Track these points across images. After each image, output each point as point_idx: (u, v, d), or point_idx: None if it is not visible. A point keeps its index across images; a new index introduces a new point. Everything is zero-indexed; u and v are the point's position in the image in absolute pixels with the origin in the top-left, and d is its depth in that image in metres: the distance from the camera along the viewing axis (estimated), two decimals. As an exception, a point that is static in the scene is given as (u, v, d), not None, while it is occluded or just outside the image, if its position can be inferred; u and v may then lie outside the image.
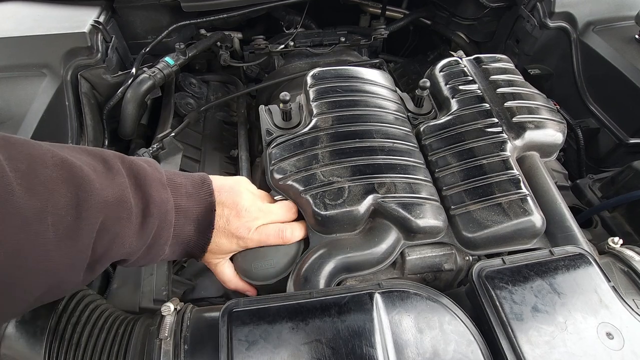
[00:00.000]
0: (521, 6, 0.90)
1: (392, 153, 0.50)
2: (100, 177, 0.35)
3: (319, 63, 0.96)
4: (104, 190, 0.34)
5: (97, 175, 0.34)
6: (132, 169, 0.39)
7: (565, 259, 0.41)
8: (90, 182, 0.33)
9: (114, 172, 0.36)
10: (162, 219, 0.39)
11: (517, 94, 0.59)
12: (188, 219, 0.43)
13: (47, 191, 0.30)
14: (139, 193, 0.38)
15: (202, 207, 0.44)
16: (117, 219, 0.35)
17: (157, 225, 0.39)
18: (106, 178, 0.35)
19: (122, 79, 0.75)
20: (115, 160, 0.38)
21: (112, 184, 0.35)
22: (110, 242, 0.35)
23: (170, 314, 0.39)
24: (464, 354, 0.35)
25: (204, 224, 0.44)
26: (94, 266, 0.35)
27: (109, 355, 0.38)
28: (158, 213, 0.39)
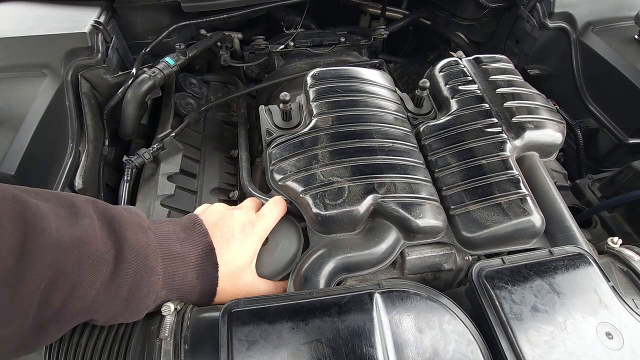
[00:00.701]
0: (521, 6, 0.90)
1: (392, 153, 0.50)
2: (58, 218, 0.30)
3: (319, 63, 0.96)
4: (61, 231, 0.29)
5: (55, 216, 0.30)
6: (105, 212, 0.34)
7: (565, 258, 0.41)
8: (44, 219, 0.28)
9: (79, 215, 0.32)
10: (141, 266, 0.34)
11: (516, 94, 0.59)
12: (188, 266, 0.38)
13: None
14: (112, 238, 0.33)
15: (200, 250, 0.40)
16: (78, 264, 0.30)
17: (132, 273, 0.33)
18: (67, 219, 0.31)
19: (123, 79, 0.75)
20: (84, 204, 0.33)
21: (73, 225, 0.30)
22: (69, 293, 0.29)
23: (170, 314, 0.39)
24: (464, 354, 0.35)
25: (206, 268, 0.39)
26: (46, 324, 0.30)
27: (109, 355, 0.38)
28: (135, 259, 0.34)
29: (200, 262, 0.39)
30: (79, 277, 0.30)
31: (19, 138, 0.55)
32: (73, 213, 0.32)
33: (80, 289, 0.30)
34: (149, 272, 0.35)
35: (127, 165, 0.69)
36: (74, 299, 0.30)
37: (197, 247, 0.40)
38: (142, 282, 0.35)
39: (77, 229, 0.31)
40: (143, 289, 0.35)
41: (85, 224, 0.32)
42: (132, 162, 0.69)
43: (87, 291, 0.31)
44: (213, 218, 0.43)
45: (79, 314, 0.32)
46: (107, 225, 0.34)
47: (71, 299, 0.30)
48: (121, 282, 0.33)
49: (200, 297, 0.40)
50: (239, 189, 0.75)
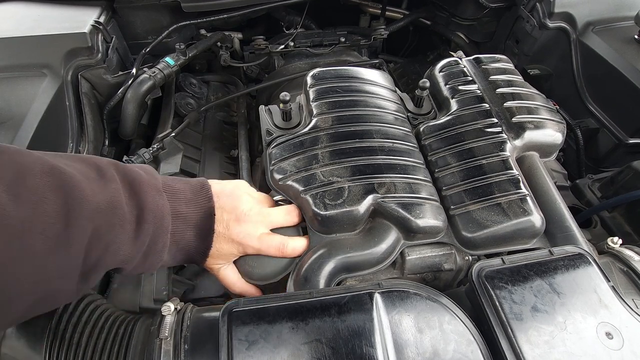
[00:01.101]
0: (521, 6, 0.90)
1: (391, 153, 0.50)
2: (91, 184, 0.34)
3: (319, 63, 0.96)
4: (95, 197, 0.33)
5: (89, 182, 0.34)
6: (126, 175, 0.38)
7: (565, 258, 0.41)
8: (81, 189, 0.32)
9: (106, 179, 0.36)
10: (158, 226, 0.39)
11: (516, 94, 0.59)
12: (188, 225, 0.42)
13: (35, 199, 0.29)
14: (133, 199, 0.37)
15: (202, 213, 0.43)
16: (110, 225, 0.34)
17: (152, 232, 0.38)
18: (98, 185, 0.35)
19: (123, 79, 0.75)
20: (108, 167, 0.37)
21: (104, 190, 0.35)
22: (104, 249, 0.34)
23: (170, 314, 0.39)
24: (464, 354, 0.35)
25: (204, 230, 0.43)
26: (88, 275, 0.34)
27: (110, 355, 0.38)
28: (153, 219, 0.38)
29: (199, 223, 0.43)
30: (111, 236, 0.35)
31: (19, 138, 0.55)
32: (101, 176, 0.36)
33: (113, 245, 0.35)
34: (164, 231, 0.40)
35: (127, 165, 0.69)
36: (107, 254, 0.35)
37: (200, 210, 0.43)
38: (158, 240, 0.39)
39: (107, 194, 0.35)
40: (159, 245, 0.40)
41: (113, 188, 0.36)
42: (132, 162, 0.69)
43: (118, 247, 0.36)
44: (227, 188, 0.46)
45: (110, 265, 0.36)
46: (129, 188, 0.38)
47: (105, 254, 0.35)
48: (143, 239, 0.38)
49: (196, 252, 0.44)
50: (239, 189, 0.75)
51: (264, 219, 0.46)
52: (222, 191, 0.46)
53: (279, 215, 0.48)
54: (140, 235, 0.37)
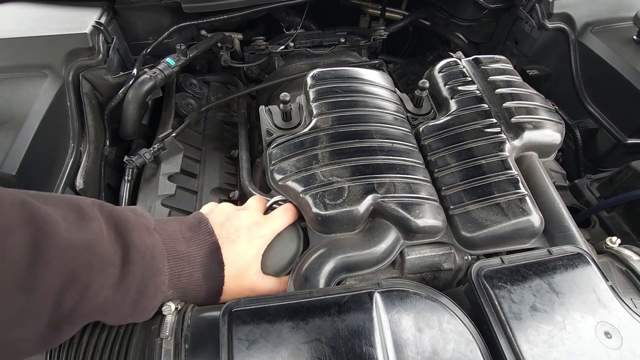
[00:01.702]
0: (520, 7, 0.90)
1: (391, 153, 0.51)
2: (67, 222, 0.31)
3: (319, 64, 0.96)
4: (70, 234, 0.30)
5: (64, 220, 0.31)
6: (111, 215, 0.35)
7: (564, 258, 0.41)
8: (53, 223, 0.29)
9: (87, 219, 0.32)
10: (147, 268, 0.35)
11: (515, 94, 0.59)
12: (194, 266, 0.39)
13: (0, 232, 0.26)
14: (119, 240, 0.34)
15: (206, 249, 0.40)
16: (88, 267, 0.31)
17: (140, 274, 0.34)
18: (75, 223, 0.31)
19: (124, 79, 0.75)
20: (91, 208, 0.34)
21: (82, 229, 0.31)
22: (80, 294, 0.30)
23: (171, 313, 0.39)
24: (463, 353, 0.35)
25: (212, 267, 0.40)
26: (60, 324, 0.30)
27: (110, 354, 0.38)
28: (142, 260, 0.34)
29: (206, 261, 0.40)
30: (89, 279, 0.31)
31: (20, 138, 0.55)
32: (81, 217, 0.32)
33: (91, 290, 0.31)
34: (156, 273, 0.36)
35: (128, 165, 0.69)
36: (85, 300, 0.31)
37: (203, 247, 0.40)
38: (150, 283, 0.35)
39: (86, 232, 0.31)
40: (150, 290, 0.35)
41: (93, 226, 0.32)
42: (133, 162, 0.69)
43: (97, 292, 0.31)
44: (219, 218, 0.44)
45: (90, 314, 0.32)
46: (114, 228, 0.34)
47: (83, 300, 0.31)
48: (130, 284, 0.34)
49: (207, 296, 0.41)
50: (239, 189, 0.75)
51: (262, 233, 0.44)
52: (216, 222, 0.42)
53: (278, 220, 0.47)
54: (127, 278, 0.33)
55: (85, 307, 0.31)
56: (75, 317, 0.31)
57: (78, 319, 0.32)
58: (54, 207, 0.32)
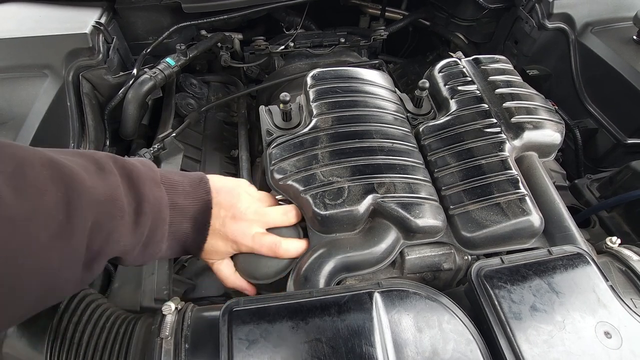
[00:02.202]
0: (520, 7, 0.90)
1: (391, 153, 0.51)
2: (91, 176, 0.35)
3: (319, 64, 0.96)
4: (95, 189, 0.34)
5: (88, 175, 0.34)
6: (124, 168, 0.39)
7: (564, 258, 0.41)
8: (81, 180, 0.33)
9: (105, 172, 0.36)
10: (156, 217, 0.40)
11: (515, 94, 0.59)
12: (185, 217, 0.43)
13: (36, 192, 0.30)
14: (132, 192, 0.38)
15: (199, 205, 0.44)
16: (110, 217, 0.35)
17: (150, 223, 0.39)
18: (97, 177, 0.35)
19: (124, 79, 0.75)
20: (107, 160, 0.38)
21: (103, 182, 0.35)
22: (105, 239, 0.35)
23: (171, 313, 0.39)
24: (463, 353, 0.35)
25: (200, 222, 0.44)
26: (91, 264, 0.35)
27: (110, 354, 0.38)
28: (151, 211, 0.39)
29: (196, 215, 0.44)
30: (111, 226, 0.35)
31: (20, 138, 0.55)
32: (100, 170, 0.36)
33: (113, 235, 0.36)
34: (162, 222, 0.41)
35: (128, 165, 0.69)
36: (109, 244, 0.36)
37: (198, 202, 0.44)
38: (157, 231, 0.40)
39: (107, 187, 0.36)
40: (157, 236, 0.41)
41: (112, 180, 0.37)
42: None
43: (118, 237, 0.36)
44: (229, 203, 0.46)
45: (111, 254, 0.37)
46: (127, 180, 0.38)
47: (107, 244, 0.35)
48: (142, 230, 0.38)
49: (193, 244, 0.45)
50: (239, 189, 0.75)
51: (260, 218, 0.47)
52: (222, 188, 0.46)
53: (276, 215, 0.48)
54: (139, 226, 0.38)
55: (109, 250, 0.36)
56: (101, 257, 0.36)
57: (104, 258, 0.36)
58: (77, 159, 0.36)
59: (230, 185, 0.48)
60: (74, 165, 0.34)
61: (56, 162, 0.32)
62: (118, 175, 0.37)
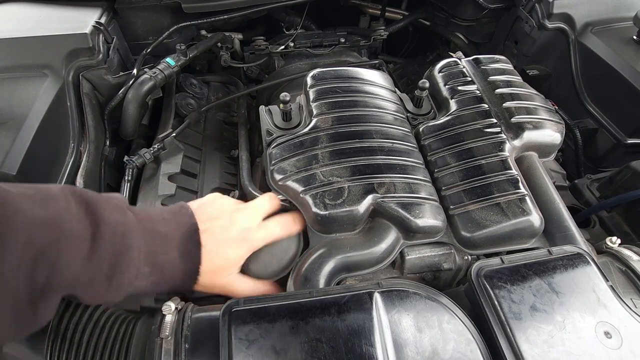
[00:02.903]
0: (520, 7, 0.90)
1: (391, 153, 0.51)
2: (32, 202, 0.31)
3: (319, 64, 0.96)
4: (34, 212, 0.31)
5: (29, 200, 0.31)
6: (82, 197, 0.35)
7: (564, 258, 0.41)
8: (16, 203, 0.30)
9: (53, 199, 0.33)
10: (118, 243, 0.35)
11: (515, 94, 0.59)
12: (171, 245, 0.39)
13: None
14: (89, 217, 0.34)
15: (184, 230, 0.40)
16: (55, 242, 0.31)
17: (111, 249, 0.35)
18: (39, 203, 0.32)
19: (124, 79, 0.75)
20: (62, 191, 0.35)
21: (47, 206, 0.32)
22: (50, 269, 0.31)
23: (171, 313, 0.39)
24: (463, 353, 0.35)
25: (189, 247, 0.40)
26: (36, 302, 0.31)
27: (110, 354, 0.38)
28: (111, 236, 0.35)
29: (183, 241, 0.40)
30: (57, 254, 0.31)
31: (20, 138, 0.55)
32: (49, 197, 0.33)
33: (60, 264, 0.31)
34: (127, 249, 0.36)
35: (128, 165, 0.69)
36: (56, 275, 0.31)
37: (182, 227, 0.41)
38: (122, 259, 0.35)
39: (52, 210, 0.32)
40: (123, 265, 0.36)
41: (60, 205, 0.33)
42: (133, 162, 0.69)
43: (67, 267, 0.32)
44: (215, 213, 0.44)
45: (62, 289, 0.33)
46: (85, 207, 0.35)
47: (53, 275, 0.31)
48: (101, 259, 0.34)
49: (185, 277, 0.41)
50: (239, 189, 0.75)
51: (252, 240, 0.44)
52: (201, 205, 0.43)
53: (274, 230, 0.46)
54: (97, 254, 0.34)
55: (57, 282, 0.32)
56: (48, 293, 0.32)
57: (51, 295, 0.32)
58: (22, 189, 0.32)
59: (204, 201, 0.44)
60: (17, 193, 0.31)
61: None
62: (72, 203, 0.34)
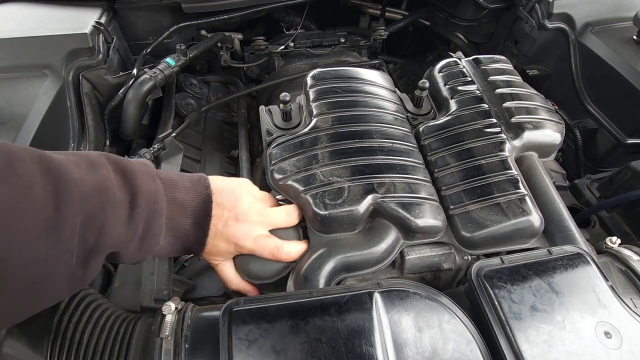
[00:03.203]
0: (520, 7, 0.90)
1: (391, 153, 0.51)
2: (81, 170, 0.35)
3: (319, 64, 0.96)
4: (84, 181, 0.34)
5: (78, 169, 0.34)
6: (117, 163, 0.39)
7: (564, 258, 0.41)
8: (69, 172, 0.33)
9: (97, 166, 0.36)
10: (151, 209, 0.39)
11: (515, 94, 0.59)
12: (185, 212, 0.43)
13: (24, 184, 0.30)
14: (126, 185, 0.38)
15: (199, 200, 0.44)
16: (102, 208, 0.35)
17: (145, 215, 0.39)
18: (88, 171, 0.35)
19: (124, 79, 0.75)
20: (99, 157, 0.38)
21: (93, 175, 0.35)
22: (99, 232, 0.35)
23: (171, 313, 0.39)
24: (463, 353, 0.35)
25: (201, 217, 0.44)
26: (87, 261, 0.34)
27: (110, 353, 0.38)
28: (146, 203, 0.39)
29: (196, 210, 0.44)
30: (104, 218, 0.35)
31: (20, 138, 0.55)
32: (91, 164, 0.36)
33: (106, 227, 0.35)
34: (158, 215, 0.40)
35: (128, 165, 0.69)
36: (103, 237, 0.35)
37: (198, 197, 0.44)
38: (153, 223, 0.40)
39: (97, 178, 0.35)
40: (154, 229, 0.40)
41: (103, 173, 0.36)
42: (133, 162, 0.69)
43: (112, 230, 0.36)
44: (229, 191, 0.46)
45: (108, 248, 0.36)
46: (122, 175, 0.38)
47: (101, 237, 0.35)
48: (137, 223, 0.38)
49: (195, 240, 0.44)
50: (239, 189, 0.75)
51: (263, 219, 0.47)
52: (224, 188, 0.46)
53: (279, 216, 0.48)
54: (134, 219, 0.38)
55: (103, 243, 0.35)
56: (97, 252, 0.35)
57: (100, 253, 0.36)
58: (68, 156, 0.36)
59: (232, 186, 0.47)
60: (65, 161, 0.34)
61: (45, 157, 0.33)
62: (111, 170, 0.37)
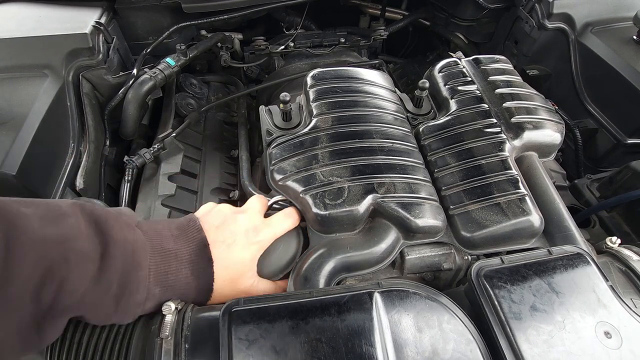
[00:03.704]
0: (520, 7, 0.91)
1: (391, 153, 0.51)
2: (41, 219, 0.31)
3: (319, 64, 0.96)
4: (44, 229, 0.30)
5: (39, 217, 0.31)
6: (92, 214, 0.35)
7: (564, 258, 0.41)
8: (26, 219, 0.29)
9: (64, 216, 0.32)
10: (128, 262, 0.34)
11: (515, 94, 0.59)
12: (181, 262, 0.38)
13: None
14: (98, 235, 0.34)
15: (194, 246, 0.40)
16: (63, 261, 0.30)
17: (120, 268, 0.34)
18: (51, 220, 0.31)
19: (124, 79, 0.75)
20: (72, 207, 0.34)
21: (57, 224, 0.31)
22: (58, 288, 0.30)
23: (171, 313, 0.39)
24: (463, 353, 0.35)
25: (201, 264, 0.39)
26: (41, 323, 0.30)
27: (110, 353, 0.38)
28: (121, 254, 0.34)
29: (194, 258, 0.39)
30: (66, 273, 0.30)
31: (20, 138, 0.55)
32: (59, 215, 0.32)
33: (68, 284, 0.30)
34: (137, 268, 0.35)
35: (128, 165, 0.69)
36: (63, 295, 0.30)
37: (191, 243, 0.40)
38: (131, 278, 0.34)
39: (61, 228, 0.31)
40: (132, 285, 0.35)
41: (70, 223, 0.32)
42: (133, 162, 0.69)
43: (75, 286, 0.31)
44: (216, 221, 0.43)
45: (70, 309, 0.32)
46: (94, 225, 0.34)
47: (61, 295, 0.30)
48: (110, 278, 0.33)
49: (198, 294, 0.40)
50: (239, 189, 0.75)
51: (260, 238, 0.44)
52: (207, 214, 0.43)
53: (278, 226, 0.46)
54: (105, 272, 0.33)
55: (64, 302, 0.31)
56: (55, 313, 0.31)
57: (58, 315, 0.31)
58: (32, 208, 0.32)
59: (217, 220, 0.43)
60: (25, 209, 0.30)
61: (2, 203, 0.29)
62: (82, 220, 0.33)
